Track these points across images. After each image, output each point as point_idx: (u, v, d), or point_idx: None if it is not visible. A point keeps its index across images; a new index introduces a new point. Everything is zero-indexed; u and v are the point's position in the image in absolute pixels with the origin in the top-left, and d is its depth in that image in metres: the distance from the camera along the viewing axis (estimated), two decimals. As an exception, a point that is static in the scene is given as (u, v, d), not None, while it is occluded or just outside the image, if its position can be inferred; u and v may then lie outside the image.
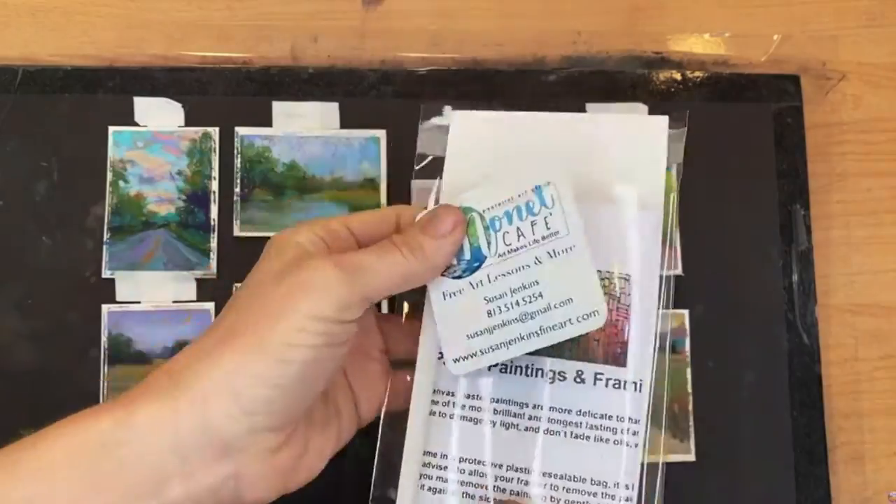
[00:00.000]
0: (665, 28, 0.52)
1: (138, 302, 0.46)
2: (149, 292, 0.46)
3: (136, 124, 0.48)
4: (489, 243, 0.35)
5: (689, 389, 0.47)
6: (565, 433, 0.35)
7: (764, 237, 0.49)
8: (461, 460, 0.35)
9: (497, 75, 0.50)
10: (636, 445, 0.34)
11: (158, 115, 0.48)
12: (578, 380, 0.35)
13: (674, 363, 0.47)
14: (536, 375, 0.35)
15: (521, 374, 0.35)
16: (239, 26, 0.50)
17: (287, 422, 0.31)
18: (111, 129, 0.47)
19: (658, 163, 0.35)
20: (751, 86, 0.51)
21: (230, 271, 0.47)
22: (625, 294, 0.34)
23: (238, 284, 0.46)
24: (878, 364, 0.50)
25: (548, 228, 0.34)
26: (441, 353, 0.36)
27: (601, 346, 0.35)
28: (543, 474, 0.35)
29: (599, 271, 0.34)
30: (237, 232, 0.47)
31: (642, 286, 0.34)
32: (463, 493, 0.35)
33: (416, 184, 0.48)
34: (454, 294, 0.35)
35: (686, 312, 0.48)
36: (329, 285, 0.30)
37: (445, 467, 0.35)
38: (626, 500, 0.34)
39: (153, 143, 0.48)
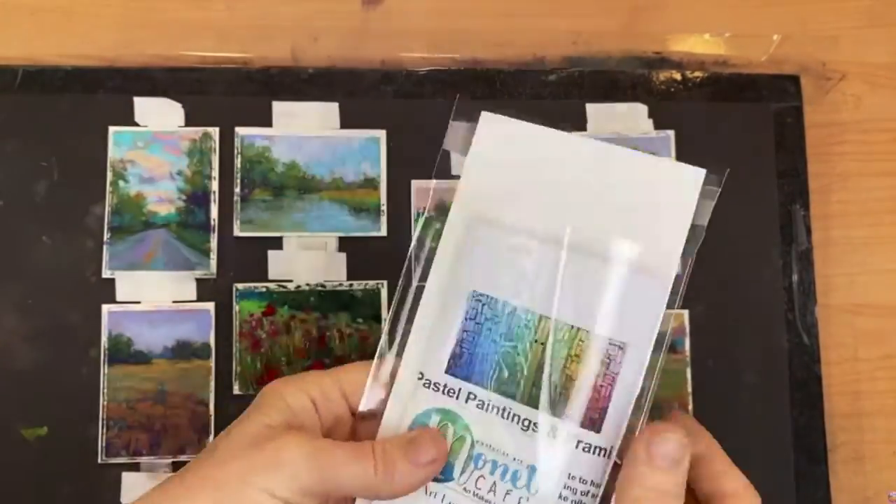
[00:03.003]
0: (665, 28, 0.52)
1: (138, 302, 0.46)
2: (149, 292, 0.46)
3: (136, 124, 0.48)
4: (463, 471, 0.34)
5: (689, 389, 0.47)
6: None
7: (764, 237, 0.49)
8: None
9: (497, 75, 0.50)
10: None
11: (158, 115, 0.48)
12: (551, 435, 0.33)
13: (674, 363, 0.47)
14: (511, 421, 0.34)
15: (498, 413, 0.34)
16: (239, 26, 0.50)
17: None
18: (111, 129, 0.47)
19: (681, 224, 0.32)
20: (751, 86, 0.51)
21: (230, 271, 0.47)
22: (615, 362, 0.33)
23: (238, 285, 0.46)
24: (878, 364, 0.50)
25: None
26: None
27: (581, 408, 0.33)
28: None
29: (588, 331, 0.33)
30: (237, 232, 0.47)
31: (635, 357, 0.33)
32: None
33: (415, 183, 0.48)
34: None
35: (686, 312, 0.48)
36: (294, 469, 0.31)
37: None
38: None
39: (153, 143, 0.48)
